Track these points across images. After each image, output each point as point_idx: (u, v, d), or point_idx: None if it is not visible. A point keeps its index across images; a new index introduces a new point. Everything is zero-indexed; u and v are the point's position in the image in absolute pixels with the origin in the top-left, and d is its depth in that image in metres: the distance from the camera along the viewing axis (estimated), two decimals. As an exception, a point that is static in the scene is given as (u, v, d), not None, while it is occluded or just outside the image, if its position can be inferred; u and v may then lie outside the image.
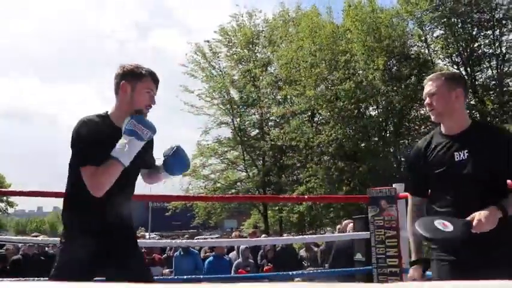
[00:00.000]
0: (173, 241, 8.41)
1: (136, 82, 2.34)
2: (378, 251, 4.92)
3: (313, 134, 21.39)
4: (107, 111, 2.41)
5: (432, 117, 2.44)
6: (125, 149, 2.15)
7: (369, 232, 5.09)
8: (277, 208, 23.60)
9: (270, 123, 26.07)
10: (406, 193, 5.02)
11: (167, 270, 8.89)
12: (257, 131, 26.14)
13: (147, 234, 15.52)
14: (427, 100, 2.43)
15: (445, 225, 2.16)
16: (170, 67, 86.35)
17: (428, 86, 2.42)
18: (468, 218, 2.13)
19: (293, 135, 21.82)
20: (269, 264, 9.17)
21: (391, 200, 4.90)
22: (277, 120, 25.20)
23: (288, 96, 23.91)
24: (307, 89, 21.07)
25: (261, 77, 24.61)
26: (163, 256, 10.17)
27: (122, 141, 2.18)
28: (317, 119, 24.79)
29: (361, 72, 20.98)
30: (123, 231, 2.36)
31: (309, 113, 23.86)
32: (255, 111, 25.80)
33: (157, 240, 12.25)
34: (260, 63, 25.28)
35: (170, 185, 26.36)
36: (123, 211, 2.35)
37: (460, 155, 2.28)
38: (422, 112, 23.20)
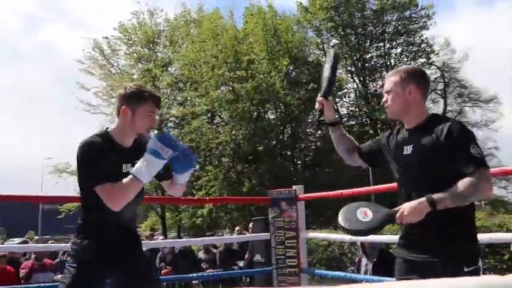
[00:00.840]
0: (66, 245, 7.93)
1: (136, 106, 2.37)
2: (278, 252, 4.98)
3: (213, 135, 21.42)
4: (108, 128, 2.45)
5: (387, 114, 2.39)
6: (143, 167, 2.21)
7: (269, 233, 5.14)
8: (174, 211, 23.30)
9: (169, 124, 25.72)
10: (305, 195, 5.16)
11: (59, 276, 8.36)
12: (156, 131, 25.59)
13: (36, 237, 14.53)
14: (384, 97, 2.38)
15: (365, 215, 2.10)
16: (64, 63, 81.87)
17: (386, 83, 2.37)
18: (396, 208, 2.10)
19: (193, 136, 21.69)
20: (167, 267, 9.01)
21: (291, 202, 4.99)
22: (177, 122, 24.94)
23: (189, 98, 23.73)
24: (210, 90, 21.07)
25: (161, 77, 24.20)
26: (56, 261, 9.58)
27: (143, 159, 2.23)
28: (217, 120, 24.87)
29: (262, 75, 21.37)
30: (131, 241, 2.46)
31: (209, 115, 23.86)
32: (155, 112, 25.25)
33: (49, 244, 11.50)
34: (160, 63, 24.84)
35: (63, 186, 25.16)
36: (132, 222, 2.49)
37: (407, 149, 2.25)
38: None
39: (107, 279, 2.34)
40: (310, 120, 23.15)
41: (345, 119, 25.69)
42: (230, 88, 21.81)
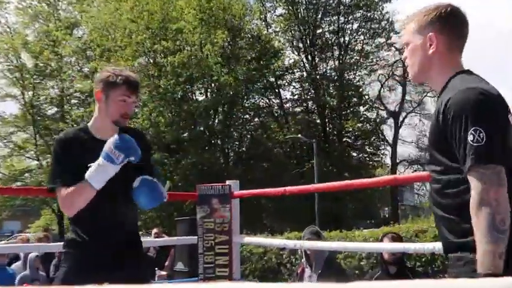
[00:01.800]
0: None
1: (109, 90, 2.55)
2: (206, 260, 4.97)
3: (126, 117, 21.04)
4: (87, 123, 2.67)
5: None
6: (97, 173, 2.41)
7: (195, 237, 5.12)
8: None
9: (72, 101, 25.09)
10: (242, 192, 5.18)
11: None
12: (55, 109, 25.04)
13: None
14: (404, 53, 2.06)
15: None
16: None
17: (404, 33, 2.05)
18: None
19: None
20: (65, 277, 8.76)
21: (224, 199, 4.98)
22: (83, 98, 24.35)
23: (99, 69, 23.16)
24: (126, 61, 20.63)
25: (64, 42, 23.50)
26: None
27: (97, 163, 2.41)
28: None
29: (193, 48, 21.17)
30: (123, 237, 2.63)
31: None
32: (54, 85, 24.71)
33: None
34: (64, 24, 24.11)
35: None
36: (125, 217, 2.64)
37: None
38: (256, 102, 24.31)
39: (99, 275, 2.46)
40: (247, 104, 23.28)
41: (288, 104, 26.00)
42: (151, 60, 21.49)
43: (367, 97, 26.17)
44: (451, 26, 1.88)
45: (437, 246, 2.48)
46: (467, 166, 1.66)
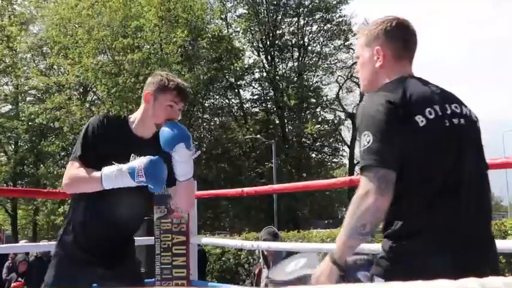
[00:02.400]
0: None
1: (159, 94, 2.58)
2: (163, 261, 4.96)
3: (83, 115, 20.70)
4: (126, 115, 2.72)
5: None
6: (114, 176, 2.35)
7: (153, 237, 5.10)
8: (30, 208, 22.36)
9: (28, 98, 24.59)
10: (200, 192, 5.18)
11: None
12: (9, 106, 24.49)
13: None
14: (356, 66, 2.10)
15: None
16: None
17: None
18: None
19: (57, 114, 20.87)
20: (20, 279, 8.64)
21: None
22: (38, 95, 23.90)
23: (55, 65, 22.81)
24: (84, 58, 20.31)
25: (19, 38, 23.00)
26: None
27: (120, 167, 2.36)
28: (90, 97, 24.13)
29: (153, 47, 20.99)
30: (119, 241, 2.64)
31: (81, 89, 23.13)
32: (8, 81, 24.20)
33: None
34: (19, 19, 23.60)
35: None
36: (128, 226, 2.67)
37: None
38: (216, 102, 24.30)
39: (89, 276, 2.57)
40: (207, 104, 23.24)
41: (248, 104, 26.05)
42: (110, 57, 21.22)
43: (325, 98, 26.43)
44: (396, 38, 1.91)
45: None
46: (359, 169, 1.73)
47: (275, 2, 24.03)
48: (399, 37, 1.90)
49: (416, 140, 1.67)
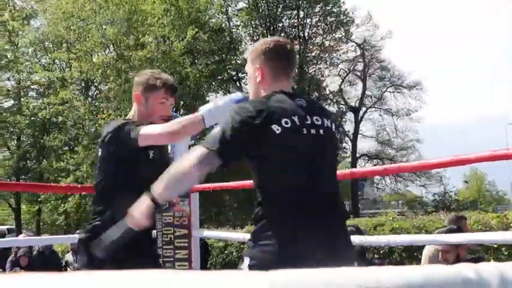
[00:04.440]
0: None
1: (148, 94, 2.70)
2: (166, 254, 4.96)
3: (86, 110, 20.67)
4: (126, 118, 2.82)
5: None
6: (212, 109, 2.38)
7: (154, 231, 5.09)
8: (34, 201, 22.42)
9: (30, 93, 24.62)
10: (201, 185, 5.15)
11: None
12: (12, 101, 24.42)
13: None
14: None
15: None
16: None
17: None
18: None
19: (60, 108, 20.85)
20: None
21: (184, 193, 4.96)
22: (41, 90, 23.89)
23: (57, 60, 22.79)
24: (93, 55, 20.22)
25: (21, 33, 22.98)
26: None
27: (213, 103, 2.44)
28: (92, 92, 24.12)
29: (159, 40, 20.89)
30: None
31: (83, 84, 23.14)
32: (11, 76, 24.09)
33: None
34: (21, 14, 23.57)
35: None
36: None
37: None
38: (218, 95, 24.22)
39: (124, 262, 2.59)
40: (208, 98, 23.18)
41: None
42: (117, 53, 21.12)
43: (328, 91, 26.38)
44: (273, 59, 2.17)
45: (392, 239, 2.53)
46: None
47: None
48: (276, 58, 2.17)
49: (272, 146, 1.93)
